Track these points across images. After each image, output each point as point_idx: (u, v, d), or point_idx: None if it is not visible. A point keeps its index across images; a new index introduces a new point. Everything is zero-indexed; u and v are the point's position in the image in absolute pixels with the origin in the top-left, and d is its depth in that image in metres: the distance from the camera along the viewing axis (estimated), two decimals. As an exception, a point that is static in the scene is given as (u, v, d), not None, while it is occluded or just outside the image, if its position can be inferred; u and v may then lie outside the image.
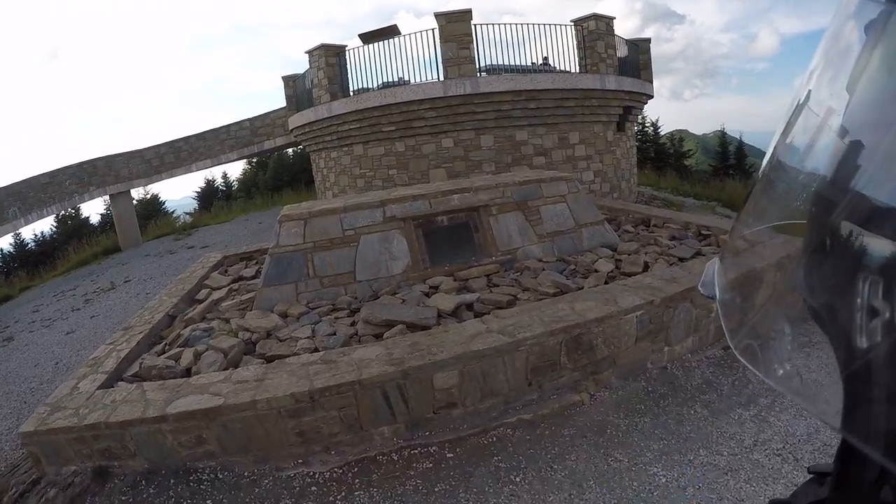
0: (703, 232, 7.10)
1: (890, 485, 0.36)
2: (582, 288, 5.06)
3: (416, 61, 11.22)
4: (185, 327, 5.81)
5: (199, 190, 26.95)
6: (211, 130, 17.28)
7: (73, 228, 21.00)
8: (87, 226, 21.65)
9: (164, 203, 26.47)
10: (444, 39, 10.17)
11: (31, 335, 9.76)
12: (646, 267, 5.68)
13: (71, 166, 15.42)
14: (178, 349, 5.12)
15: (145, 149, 16.69)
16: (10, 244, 20.37)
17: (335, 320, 5.12)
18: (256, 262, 7.92)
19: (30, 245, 20.89)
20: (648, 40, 14.52)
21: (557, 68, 11.40)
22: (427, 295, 5.36)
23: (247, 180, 27.17)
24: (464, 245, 6.14)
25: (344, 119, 11.32)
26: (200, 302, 6.65)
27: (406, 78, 11.21)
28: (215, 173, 27.32)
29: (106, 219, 21.87)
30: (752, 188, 0.51)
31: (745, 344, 0.46)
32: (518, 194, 6.41)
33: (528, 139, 10.88)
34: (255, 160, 26.18)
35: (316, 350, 4.48)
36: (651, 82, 13.84)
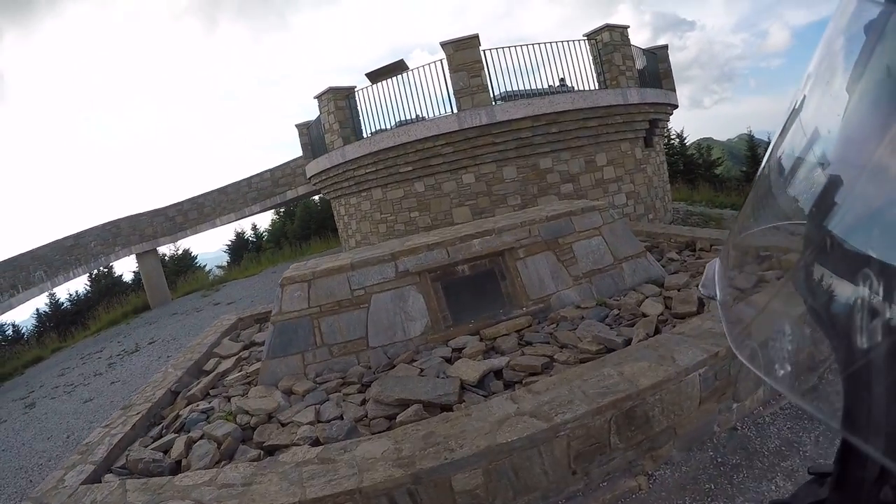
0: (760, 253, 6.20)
1: (890, 485, 0.37)
2: (630, 341, 4.26)
3: (431, 96, 10.70)
4: (186, 405, 5.28)
5: (229, 243, 27.07)
6: (232, 184, 17.19)
7: (105, 287, 21.16)
8: (119, 284, 21.79)
9: (195, 257, 26.63)
10: (453, 69, 9.67)
11: (52, 402, 9.49)
12: (700, 305, 4.85)
13: (95, 227, 15.47)
14: (173, 435, 4.59)
15: (168, 206, 16.68)
16: (46, 304, 20.60)
17: (344, 398, 4.45)
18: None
19: (65, 304, 21.07)
20: (665, 47, 13.82)
21: (576, 88, 10.76)
22: (449, 360, 4.64)
23: (275, 230, 27.17)
24: (489, 296, 5.42)
25: (359, 163, 10.87)
26: (207, 373, 6.11)
27: (423, 115, 10.73)
28: (245, 225, 27.47)
29: (138, 276, 21.98)
30: (752, 188, 0.51)
31: (746, 344, 0.47)
32: (547, 231, 5.69)
33: (553, 166, 10.18)
34: (282, 210, 26.17)
35: (317, 442, 3.81)
36: (674, 91, 13.08)
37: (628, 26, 11.37)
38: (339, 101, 11.35)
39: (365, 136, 11.27)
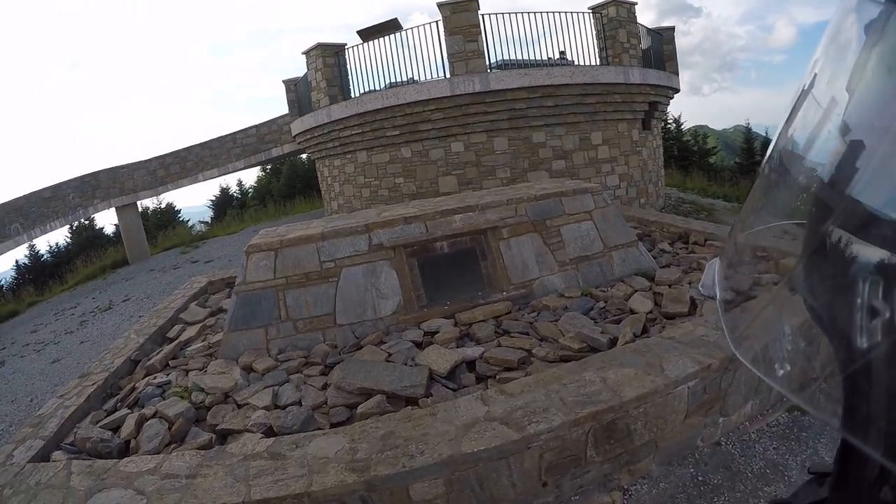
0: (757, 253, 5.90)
1: (890, 485, 0.37)
2: (615, 342, 3.96)
3: (424, 60, 10.17)
4: (144, 376, 5.00)
5: (214, 198, 26.46)
6: (216, 139, 16.57)
7: (86, 239, 20.61)
8: (100, 237, 21.24)
9: (179, 211, 26.03)
10: (448, 32, 9.13)
11: (20, 361, 9.17)
12: (692, 305, 4.55)
13: (74, 179, 14.88)
14: (126, 411, 4.31)
15: (149, 160, 16.07)
16: (26, 255, 20.06)
17: (305, 380, 4.16)
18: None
19: (45, 256, 20.55)
20: (672, 29, 13.30)
21: (576, 62, 10.27)
22: (419, 345, 4.34)
23: (261, 188, 26.53)
24: (468, 277, 5.10)
25: (345, 124, 10.40)
26: (171, 341, 5.80)
27: (415, 79, 10.21)
28: (230, 181, 26.84)
29: (119, 229, 21.44)
30: (752, 188, 0.51)
31: (746, 345, 0.47)
32: (534, 212, 5.34)
33: (546, 141, 9.78)
34: (269, 167, 25.51)
35: (270, 430, 3.53)
36: (677, 74, 12.62)
37: (636, 2, 10.86)
38: (328, 58, 10.78)
39: (353, 96, 10.75)
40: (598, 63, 10.39)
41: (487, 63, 9.39)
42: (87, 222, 20.67)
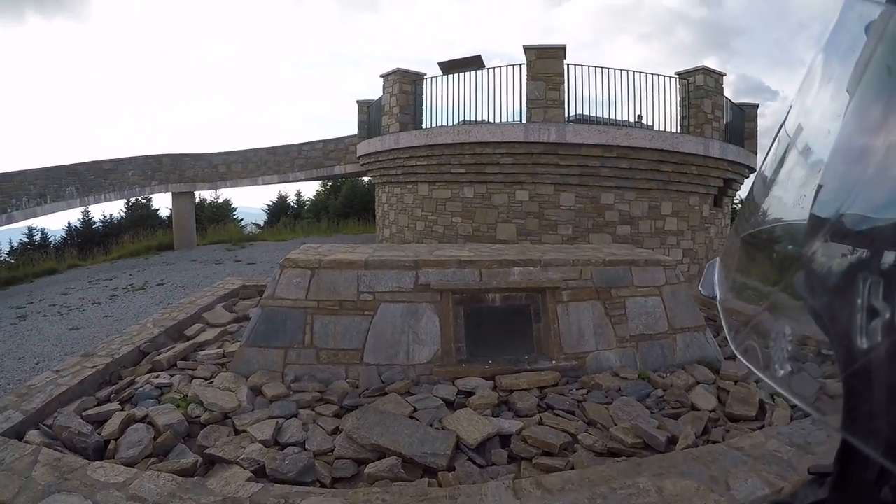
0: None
1: (890, 485, 0.37)
2: (674, 441, 3.33)
3: (501, 104, 9.91)
4: (148, 371, 4.64)
5: (270, 203, 26.88)
6: (283, 146, 16.79)
7: (140, 217, 21.08)
8: (153, 217, 21.70)
9: (235, 209, 26.53)
10: (531, 77, 8.86)
11: (42, 320, 9.13)
12: (761, 409, 3.90)
13: (137, 157, 15.24)
14: (116, 406, 3.93)
15: (214, 153, 16.36)
16: (79, 219, 20.68)
17: (315, 418, 3.68)
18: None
19: (97, 224, 21.11)
20: (756, 106, 12.77)
21: (654, 128, 9.84)
22: (451, 405, 3.81)
23: (318, 202, 26.82)
24: (517, 338, 4.57)
25: (412, 153, 10.19)
26: (187, 339, 5.45)
27: (489, 120, 9.97)
28: (290, 190, 27.26)
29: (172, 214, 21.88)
30: (752, 190, 0.52)
31: (747, 344, 0.48)
32: (600, 277, 4.80)
33: (615, 203, 9.27)
34: (329, 183, 25.81)
35: (262, 472, 3.05)
36: (756, 154, 11.96)
37: (724, 74, 10.38)
38: (406, 84, 10.68)
39: (424, 127, 10.57)
40: (678, 131, 9.92)
41: (566, 115, 9.05)
42: (143, 200, 21.16)
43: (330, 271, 4.47)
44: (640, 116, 10.20)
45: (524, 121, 8.99)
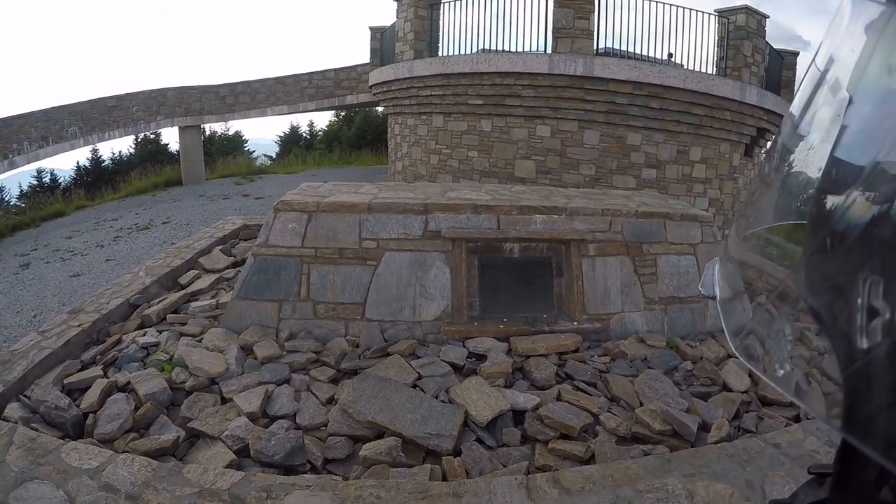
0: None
1: (890, 485, 0.37)
2: (707, 428, 2.91)
3: (525, 31, 9.02)
4: (137, 327, 4.31)
5: (282, 134, 26.18)
6: (292, 76, 16.02)
7: (149, 153, 20.59)
8: (162, 152, 21.16)
9: (246, 141, 25.91)
10: (559, 3, 8.00)
11: (45, 267, 8.88)
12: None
13: (141, 92, 14.66)
14: (98, 372, 3.60)
15: (220, 85, 15.68)
16: (88, 159, 20.25)
17: (309, 384, 3.33)
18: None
19: (106, 162, 20.68)
20: (796, 54, 11.65)
21: (685, 67, 9.01)
22: (460, 370, 3.42)
23: (331, 133, 26.02)
24: (536, 294, 4.12)
25: (426, 83, 9.48)
26: (181, 288, 5.10)
27: (510, 49, 9.15)
28: (302, 120, 26.50)
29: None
30: (752, 189, 0.53)
31: (746, 344, 0.47)
32: (631, 231, 4.27)
33: (642, 145, 8.56)
34: (342, 113, 24.94)
35: (245, 451, 2.72)
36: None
37: (768, 16, 9.36)
38: (421, 9, 9.81)
39: (440, 54, 9.79)
40: (713, 73, 9.06)
41: (595, 46, 8.23)
42: (152, 136, 20.61)
43: (329, 215, 4.01)
44: (671, 54, 9.37)
45: (549, 51, 8.19)
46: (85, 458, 2.60)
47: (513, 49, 8.85)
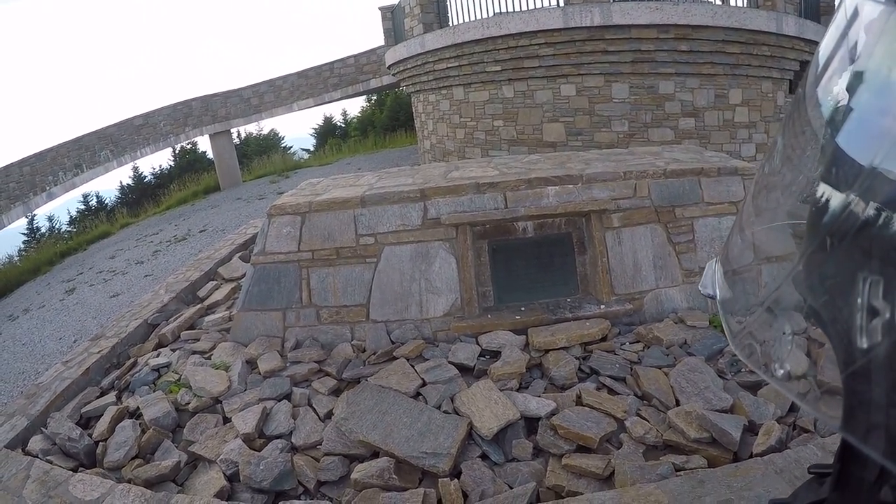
0: None
1: (890, 485, 0.37)
2: (754, 431, 2.46)
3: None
4: (154, 347, 4.28)
5: (316, 126, 26.28)
6: (313, 68, 15.82)
7: (187, 163, 21.05)
8: (201, 160, 21.58)
9: (282, 138, 26.16)
10: (568, -53, 7.34)
11: (88, 290, 9.11)
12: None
13: (166, 107, 14.86)
14: (111, 399, 3.59)
15: (243, 88, 15.68)
16: (130, 176, 20.89)
17: (310, 397, 3.12)
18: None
19: (147, 178, 21.29)
20: None
21: (717, 2, 8.12)
22: (470, 371, 3.10)
23: (364, 118, 25.91)
24: (556, 276, 3.73)
25: (440, 55, 9.02)
26: (199, 301, 5.02)
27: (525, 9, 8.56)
28: (335, 110, 26.50)
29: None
30: (752, 189, 0.52)
31: (746, 344, 0.48)
32: (660, 193, 3.78)
33: (675, 93, 7.81)
34: (374, 98, 24.72)
35: (236, 477, 2.55)
36: None
37: None
38: (425, -21, 9.32)
39: (451, 24, 9.30)
40: (745, 5, 8.14)
41: (611, -7, 7.55)
42: (189, 146, 21.04)
43: (322, 214, 3.74)
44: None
45: (561, 3, 7.57)
46: (88, 490, 2.63)
47: (528, 8, 8.27)
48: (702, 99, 7.91)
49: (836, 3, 0.41)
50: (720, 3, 8.44)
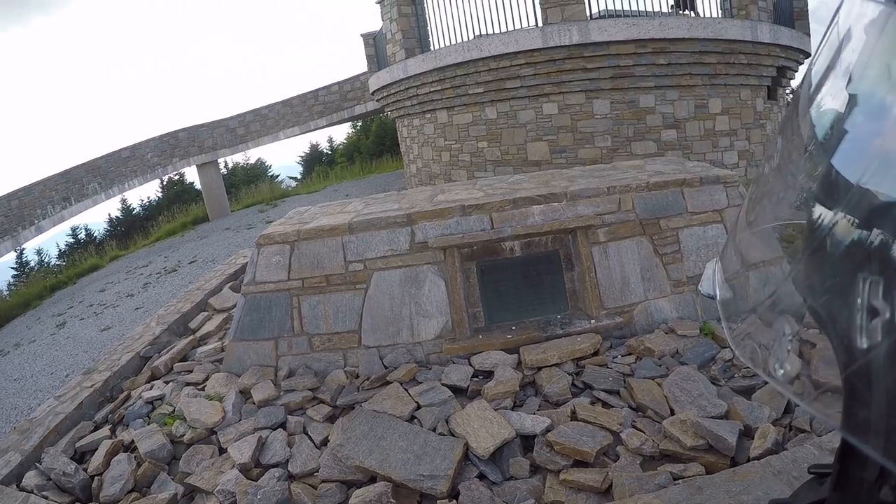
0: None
1: (890, 485, 0.37)
2: (750, 434, 2.49)
3: (517, 9, 8.54)
4: (147, 380, 4.25)
5: (303, 154, 26.37)
6: (298, 96, 15.96)
7: (175, 194, 21.02)
8: (189, 191, 21.55)
9: (269, 167, 26.21)
10: (541, -30, 7.53)
11: (79, 324, 9.01)
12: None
13: (153, 139, 14.88)
14: (105, 433, 3.59)
15: (229, 118, 15.76)
16: (118, 209, 20.80)
17: (305, 425, 3.11)
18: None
19: (136, 210, 21.21)
20: None
21: (692, 15, 8.33)
22: (464, 392, 3.11)
23: (350, 145, 26.05)
24: (545, 294, 3.76)
25: (423, 80, 9.14)
26: (191, 333, 5.00)
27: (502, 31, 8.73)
28: (321, 138, 26.66)
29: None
30: (752, 189, 0.53)
31: (746, 344, 0.47)
32: (644, 206, 3.84)
33: (656, 106, 7.97)
34: (359, 124, 24.91)
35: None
36: (809, 35, 10.14)
37: None
38: (404, 6, 9.47)
39: (432, 48, 9.45)
40: (720, 15, 8.36)
41: (588, 11, 7.71)
42: (176, 177, 21.02)
43: (310, 242, 3.76)
44: (677, 2, 8.72)
45: (540, 23, 7.73)
46: None
47: (507, 29, 8.43)
48: (682, 110, 8.07)
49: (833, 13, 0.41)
50: (695, 15, 8.65)
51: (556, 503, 2.23)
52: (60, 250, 19.02)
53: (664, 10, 8.40)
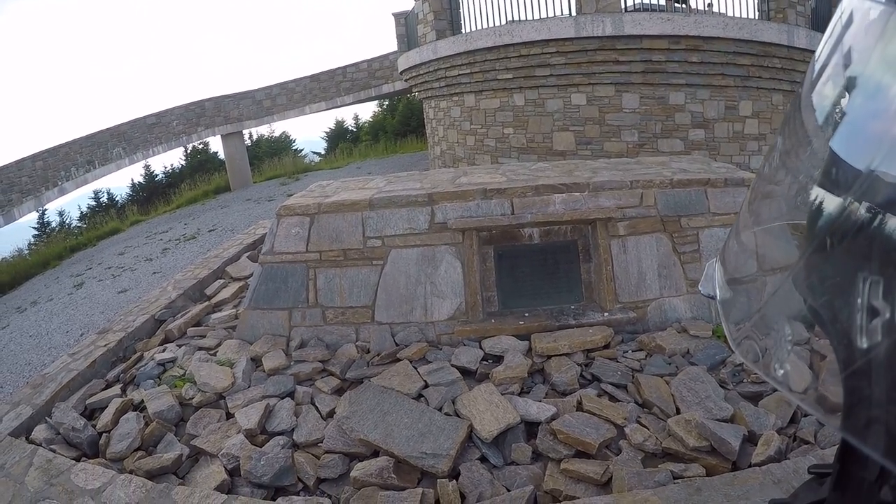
0: None
1: (890, 485, 0.37)
2: (753, 440, 2.47)
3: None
4: (161, 342, 4.32)
5: (328, 130, 26.42)
6: (326, 72, 15.97)
7: (199, 162, 21.21)
8: (212, 160, 21.73)
9: (294, 141, 26.31)
10: (579, -42, 7.39)
11: (96, 286, 9.20)
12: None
13: (179, 107, 15.04)
14: (117, 391, 3.66)
15: (256, 90, 15.85)
16: (141, 174, 21.05)
17: (313, 395, 3.15)
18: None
19: (159, 176, 21.45)
20: None
21: (682, 7, 8.15)
22: (472, 374, 3.13)
23: (376, 123, 26.02)
24: (561, 283, 3.75)
25: (452, 62, 9.09)
26: (207, 299, 5.07)
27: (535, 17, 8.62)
28: (347, 114, 26.66)
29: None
30: (752, 188, 0.52)
31: (746, 344, 0.48)
32: (666, 203, 3.80)
33: (686, 104, 7.82)
34: (386, 103, 24.86)
35: (237, 471, 2.58)
36: None
37: None
38: (438, -14, 9.40)
39: (464, 31, 9.37)
40: (756, 17, 8.14)
41: (623, 4, 7.57)
42: (201, 146, 21.20)
43: (331, 216, 3.78)
44: (710, 3, 8.53)
45: (574, 13, 7.61)
46: (90, 479, 2.68)
47: (541, 16, 8.32)
48: (712, 110, 7.92)
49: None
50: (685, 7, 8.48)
51: (554, 491, 2.24)
52: (82, 213, 19.34)
53: (695, 4, 8.23)
